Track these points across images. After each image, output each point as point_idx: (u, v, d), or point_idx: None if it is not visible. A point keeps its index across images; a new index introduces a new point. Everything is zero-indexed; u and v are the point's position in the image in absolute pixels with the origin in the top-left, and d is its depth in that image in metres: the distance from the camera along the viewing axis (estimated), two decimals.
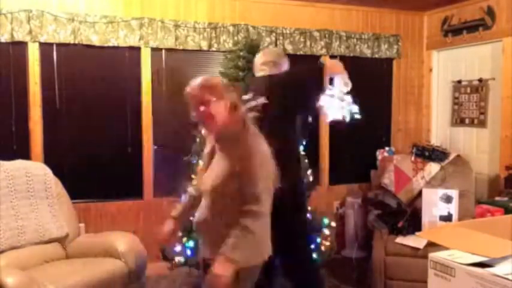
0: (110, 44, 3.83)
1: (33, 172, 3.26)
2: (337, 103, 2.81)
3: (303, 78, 2.75)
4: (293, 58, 4.31)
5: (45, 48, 3.72)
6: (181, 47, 4.03)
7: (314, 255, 3.07)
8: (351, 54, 4.56)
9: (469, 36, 4.39)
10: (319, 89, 2.68)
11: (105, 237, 3.26)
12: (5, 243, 2.95)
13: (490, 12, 4.16)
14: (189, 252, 3.20)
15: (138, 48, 3.96)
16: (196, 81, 1.98)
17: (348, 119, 2.87)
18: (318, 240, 3.36)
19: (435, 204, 3.50)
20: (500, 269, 1.21)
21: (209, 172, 2.06)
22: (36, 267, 2.95)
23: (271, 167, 1.94)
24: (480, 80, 4.33)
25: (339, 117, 2.85)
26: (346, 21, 4.60)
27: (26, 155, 3.62)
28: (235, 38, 4.11)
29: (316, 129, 4.56)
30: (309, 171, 3.54)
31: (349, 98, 2.84)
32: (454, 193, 3.49)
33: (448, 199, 3.48)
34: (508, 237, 1.49)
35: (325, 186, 4.63)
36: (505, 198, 3.60)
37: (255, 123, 2.10)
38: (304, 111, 2.82)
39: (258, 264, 2.00)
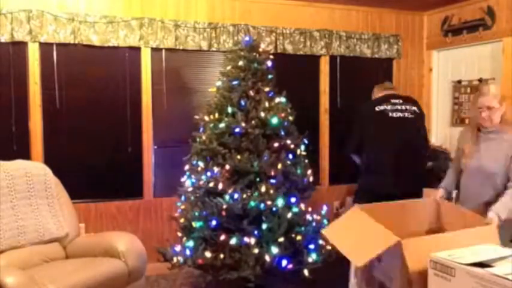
0: (110, 44, 3.83)
1: (33, 172, 3.25)
2: None
3: None
4: (293, 58, 4.41)
5: (45, 48, 3.72)
6: (181, 47, 4.03)
7: None
8: (351, 54, 4.55)
9: (469, 36, 4.39)
10: None
11: (105, 237, 3.25)
12: (5, 243, 2.95)
13: (490, 12, 4.16)
14: (188, 252, 3.19)
15: (138, 48, 3.96)
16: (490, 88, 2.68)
17: None
18: (320, 241, 3.33)
19: None
20: (500, 269, 1.21)
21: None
22: (36, 267, 2.94)
23: None
24: (480, 80, 4.33)
25: None
26: (346, 21, 4.61)
27: (26, 155, 3.62)
28: (235, 38, 4.11)
29: (316, 128, 4.56)
30: (309, 171, 3.52)
31: None
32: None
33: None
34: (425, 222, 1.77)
35: (325, 186, 4.63)
36: None
37: None
38: None
39: None
